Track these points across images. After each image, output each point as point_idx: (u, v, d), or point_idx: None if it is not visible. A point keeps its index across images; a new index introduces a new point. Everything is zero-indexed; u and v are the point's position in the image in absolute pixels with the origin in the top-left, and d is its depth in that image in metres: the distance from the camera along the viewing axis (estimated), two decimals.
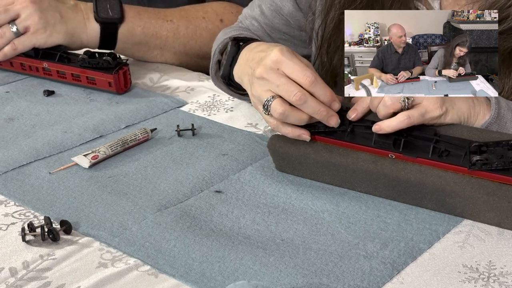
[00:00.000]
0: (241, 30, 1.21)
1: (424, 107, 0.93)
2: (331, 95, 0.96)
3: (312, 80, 0.93)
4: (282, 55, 0.95)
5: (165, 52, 1.43)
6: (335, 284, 0.81)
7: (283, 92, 0.94)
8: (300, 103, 0.94)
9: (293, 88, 0.93)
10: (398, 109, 0.94)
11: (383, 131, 0.94)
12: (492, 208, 0.88)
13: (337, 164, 0.96)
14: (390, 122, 0.93)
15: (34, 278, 0.83)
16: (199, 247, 0.87)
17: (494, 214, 0.89)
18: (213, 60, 1.19)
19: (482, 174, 0.89)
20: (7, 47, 1.33)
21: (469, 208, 0.90)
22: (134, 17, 1.39)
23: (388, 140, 0.94)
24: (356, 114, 0.97)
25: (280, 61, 0.95)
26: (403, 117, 0.93)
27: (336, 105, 0.96)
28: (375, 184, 0.95)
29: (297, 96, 0.93)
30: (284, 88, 0.94)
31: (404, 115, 0.93)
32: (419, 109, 0.93)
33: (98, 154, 1.06)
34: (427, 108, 0.93)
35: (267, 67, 0.95)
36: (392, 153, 0.93)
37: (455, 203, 0.90)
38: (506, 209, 0.87)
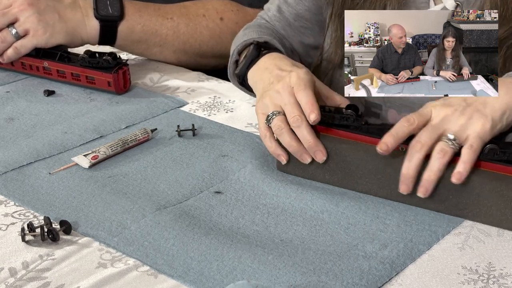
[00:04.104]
0: (260, 29, 1.23)
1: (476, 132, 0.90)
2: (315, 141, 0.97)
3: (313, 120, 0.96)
4: (302, 81, 1.00)
5: (164, 50, 1.42)
6: (334, 282, 0.81)
7: (287, 109, 0.99)
8: (295, 125, 0.98)
9: (296, 111, 0.98)
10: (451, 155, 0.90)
11: (464, 175, 0.89)
12: (497, 203, 0.88)
13: (344, 154, 0.96)
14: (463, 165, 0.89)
15: (33, 278, 0.83)
16: (197, 245, 0.87)
17: (498, 211, 0.88)
18: (231, 60, 1.20)
19: (492, 166, 0.88)
20: (9, 50, 1.33)
21: (473, 203, 0.89)
22: (134, 14, 1.39)
23: None
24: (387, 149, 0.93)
25: (298, 85, 0.99)
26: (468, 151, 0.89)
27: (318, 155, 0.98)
28: (381, 180, 0.94)
29: (295, 118, 0.97)
30: (289, 107, 0.99)
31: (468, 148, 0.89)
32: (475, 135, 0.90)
33: (98, 154, 1.06)
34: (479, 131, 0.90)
35: (286, 85, 1.00)
36: (403, 145, 0.92)
37: (459, 198, 0.90)
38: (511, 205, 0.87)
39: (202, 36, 1.42)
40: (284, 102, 0.99)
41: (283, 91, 1.00)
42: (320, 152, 0.97)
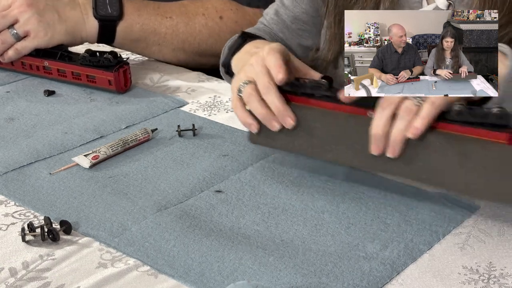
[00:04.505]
0: (257, 31, 1.22)
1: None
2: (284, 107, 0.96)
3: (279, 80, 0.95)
4: (272, 49, 0.99)
5: (163, 49, 1.42)
6: (334, 283, 0.81)
7: (257, 78, 0.98)
8: (264, 91, 0.97)
9: (265, 78, 0.97)
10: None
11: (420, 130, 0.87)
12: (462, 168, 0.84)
13: (313, 123, 0.95)
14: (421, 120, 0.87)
15: (33, 278, 0.83)
16: (198, 247, 0.87)
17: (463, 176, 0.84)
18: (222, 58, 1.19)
19: (456, 128, 0.85)
20: (10, 52, 1.33)
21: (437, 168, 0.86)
22: (133, 13, 1.39)
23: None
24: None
25: (268, 53, 0.98)
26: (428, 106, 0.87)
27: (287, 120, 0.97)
28: (350, 147, 0.92)
29: (265, 84, 0.96)
30: (260, 75, 0.98)
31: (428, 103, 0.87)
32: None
33: (98, 154, 1.06)
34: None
35: (258, 58, 0.99)
36: (371, 111, 0.90)
37: (426, 161, 0.87)
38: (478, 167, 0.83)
39: (201, 34, 1.42)
40: (256, 72, 0.99)
41: (255, 63, 0.99)
42: (288, 118, 0.96)
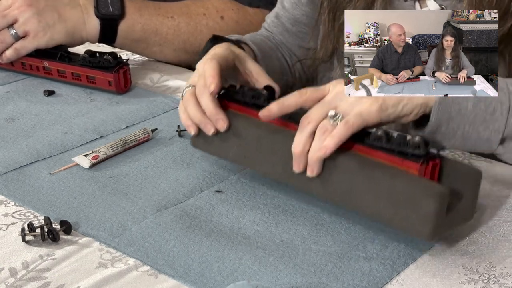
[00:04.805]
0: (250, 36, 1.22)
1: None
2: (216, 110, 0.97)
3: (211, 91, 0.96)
4: (211, 57, 1.00)
5: (165, 49, 1.42)
6: (334, 283, 0.81)
7: (197, 81, 0.99)
8: (198, 94, 0.98)
9: (201, 81, 0.98)
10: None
11: (330, 149, 0.86)
12: (371, 193, 0.83)
13: (245, 132, 0.95)
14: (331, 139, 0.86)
15: (33, 278, 0.83)
16: (198, 247, 0.87)
17: (371, 201, 0.83)
18: None
19: (369, 152, 0.84)
20: (9, 51, 1.33)
21: (348, 190, 0.85)
22: (134, 13, 1.39)
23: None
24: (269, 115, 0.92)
25: (206, 58, 1.00)
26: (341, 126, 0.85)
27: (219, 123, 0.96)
28: (277, 160, 0.91)
29: (199, 88, 0.98)
30: (199, 80, 0.99)
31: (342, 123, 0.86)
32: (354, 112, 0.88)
33: (98, 154, 1.06)
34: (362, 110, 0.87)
35: (203, 61, 1.01)
36: (295, 124, 0.89)
37: (339, 183, 0.85)
38: (385, 194, 0.81)
39: (203, 34, 1.42)
40: (196, 76, 1.00)
41: (198, 68, 1.01)
42: (221, 120, 0.96)
